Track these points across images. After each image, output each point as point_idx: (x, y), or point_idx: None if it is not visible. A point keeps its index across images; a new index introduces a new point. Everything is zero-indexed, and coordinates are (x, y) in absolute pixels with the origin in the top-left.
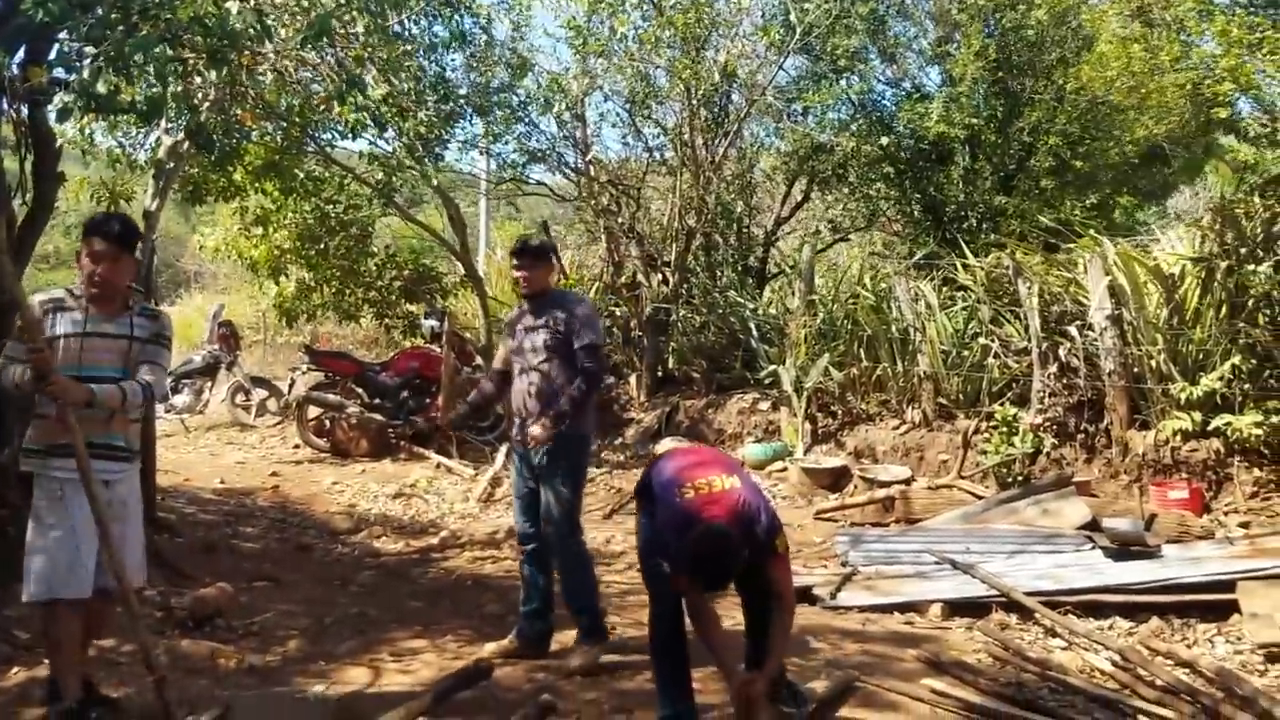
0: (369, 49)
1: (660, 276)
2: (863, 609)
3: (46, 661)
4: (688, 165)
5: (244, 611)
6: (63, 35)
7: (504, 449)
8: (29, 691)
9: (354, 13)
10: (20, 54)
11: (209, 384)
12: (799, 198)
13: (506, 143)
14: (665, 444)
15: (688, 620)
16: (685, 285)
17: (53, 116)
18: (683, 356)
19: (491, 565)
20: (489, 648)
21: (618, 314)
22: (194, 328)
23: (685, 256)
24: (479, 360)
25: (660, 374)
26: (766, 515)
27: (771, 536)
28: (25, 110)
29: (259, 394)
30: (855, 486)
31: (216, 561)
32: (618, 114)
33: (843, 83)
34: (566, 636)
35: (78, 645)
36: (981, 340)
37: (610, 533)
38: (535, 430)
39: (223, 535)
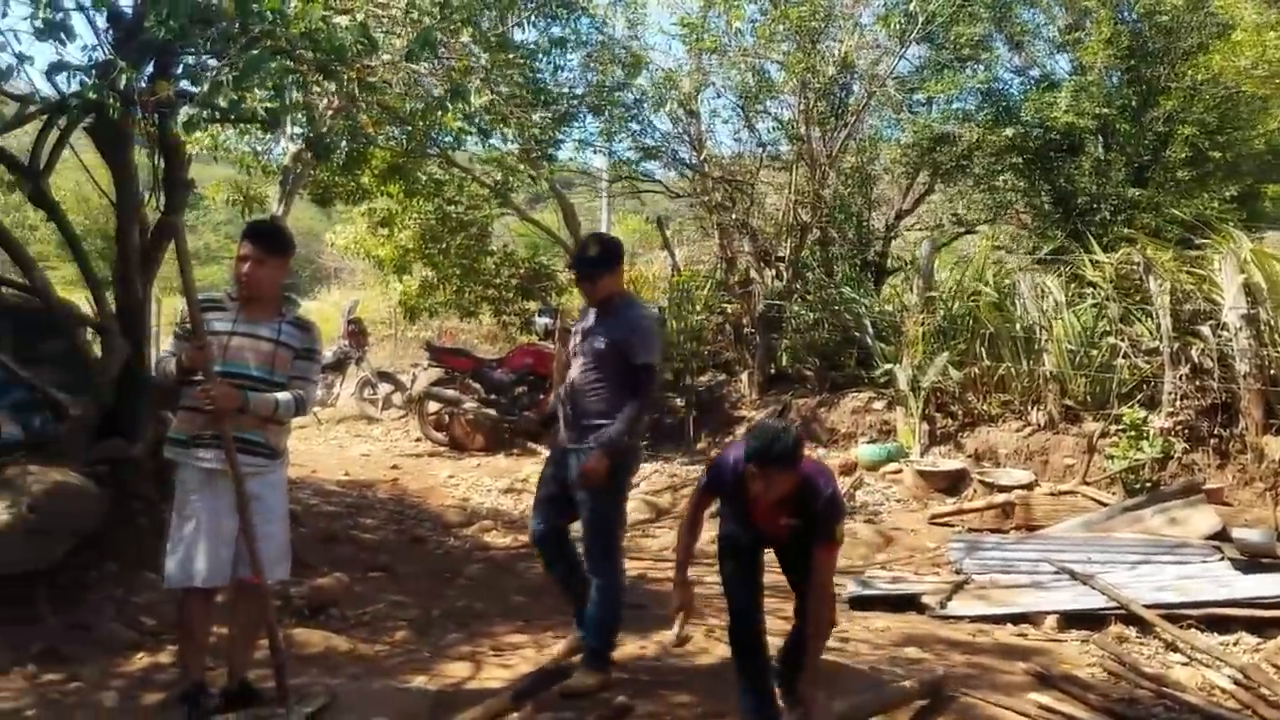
0: (473, 58)
1: (773, 272)
2: (973, 619)
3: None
4: (803, 159)
5: (358, 601)
6: (191, 50)
7: None
8: (151, 676)
9: (459, 23)
10: (149, 68)
11: (339, 378)
12: (921, 190)
13: (621, 140)
14: None
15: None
16: (799, 281)
17: (180, 128)
18: (795, 354)
19: None
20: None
21: (729, 311)
22: (331, 323)
23: (799, 252)
24: None
25: (772, 372)
26: (829, 493)
27: (831, 519)
28: (155, 121)
29: (385, 388)
30: (973, 491)
31: (336, 551)
32: (731, 109)
33: (967, 72)
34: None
35: (206, 632)
36: (1110, 339)
37: (714, 532)
38: (592, 465)
39: (343, 526)
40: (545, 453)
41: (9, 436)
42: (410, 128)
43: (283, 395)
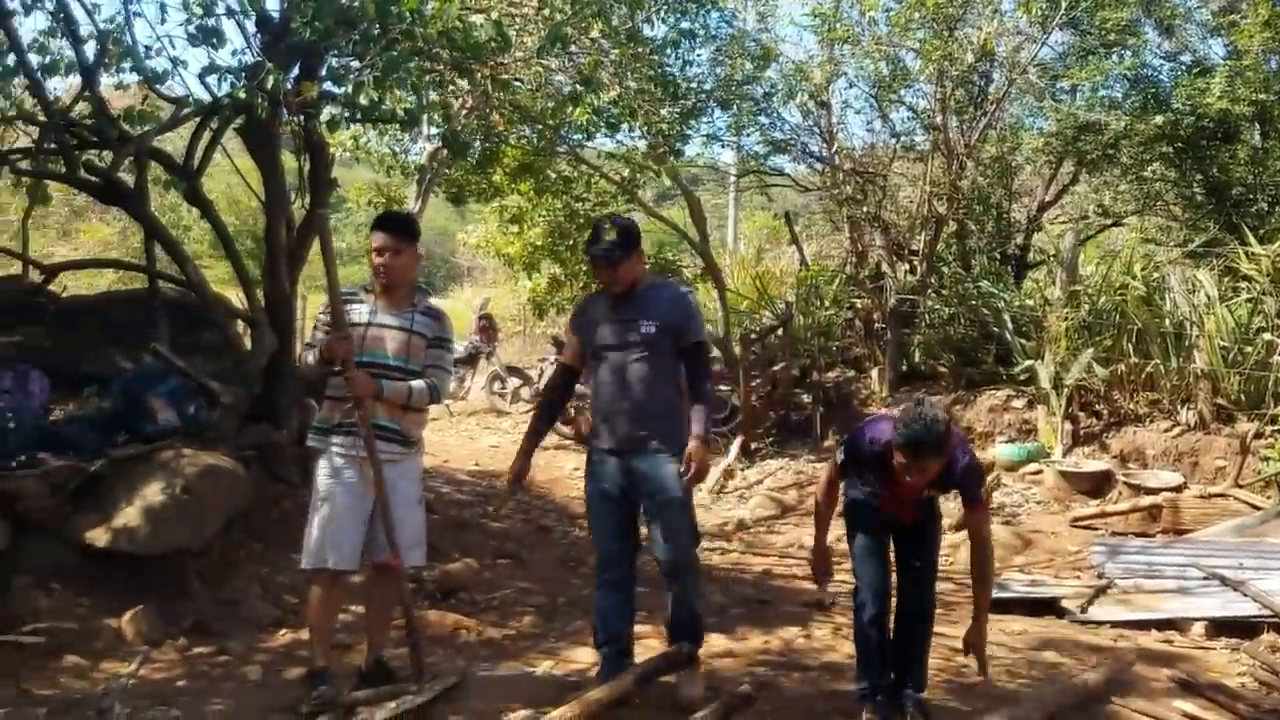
0: (602, 53)
1: (906, 266)
2: (1115, 624)
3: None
4: (939, 150)
5: (486, 586)
6: (334, 52)
7: (737, 441)
8: (293, 652)
9: (589, 19)
10: (295, 70)
11: (470, 372)
12: (1064, 181)
13: (749, 134)
14: None
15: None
16: (933, 275)
17: (323, 127)
18: (929, 350)
19: (719, 556)
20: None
21: (859, 306)
22: (463, 319)
23: (934, 245)
24: (715, 352)
25: (904, 368)
26: (967, 461)
27: (974, 485)
28: (300, 121)
29: (514, 382)
30: (1118, 493)
31: (465, 538)
32: (864, 100)
33: (1113, 58)
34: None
35: (332, 615)
36: (1266, 336)
37: (843, 530)
38: (699, 460)
39: (473, 514)
40: None
41: (166, 422)
42: (540, 125)
43: (416, 383)
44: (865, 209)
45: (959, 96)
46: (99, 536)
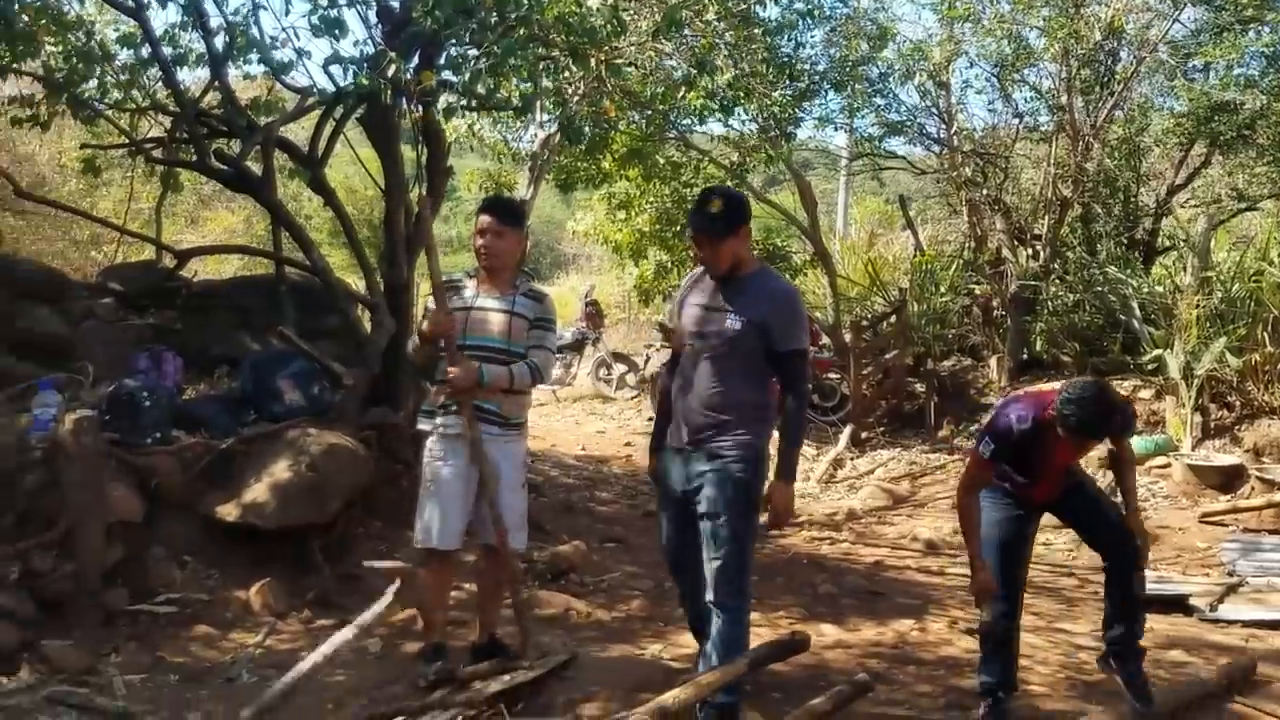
0: (716, 35)
1: (1029, 251)
2: (1247, 624)
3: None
4: (1064, 130)
5: (595, 569)
6: (452, 41)
7: (847, 430)
8: (410, 627)
9: (704, 1)
10: (415, 59)
11: (577, 358)
12: (1196, 163)
13: (864, 116)
14: None
15: None
16: (1057, 260)
17: (440, 115)
18: (1051, 338)
19: (828, 546)
20: None
21: (978, 292)
22: (568, 306)
23: (1058, 229)
24: (825, 340)
25: (1024, 357)
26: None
27: (1128, 433)
28: (419, 110)
29: (619, 369)
30: (1251, 488)
31: (573, 521)
32: (985, 79)
33: (1250, 34)
34: None
35: (443, 592)
36: None
37: (956, 524)
38: (782, 504)
39: (580, 498)
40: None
41: (292, 403)
42: (650, 111)
43: (517, 366)
44: (985, 192)
45: (1085, 75)
46: (229, 511)
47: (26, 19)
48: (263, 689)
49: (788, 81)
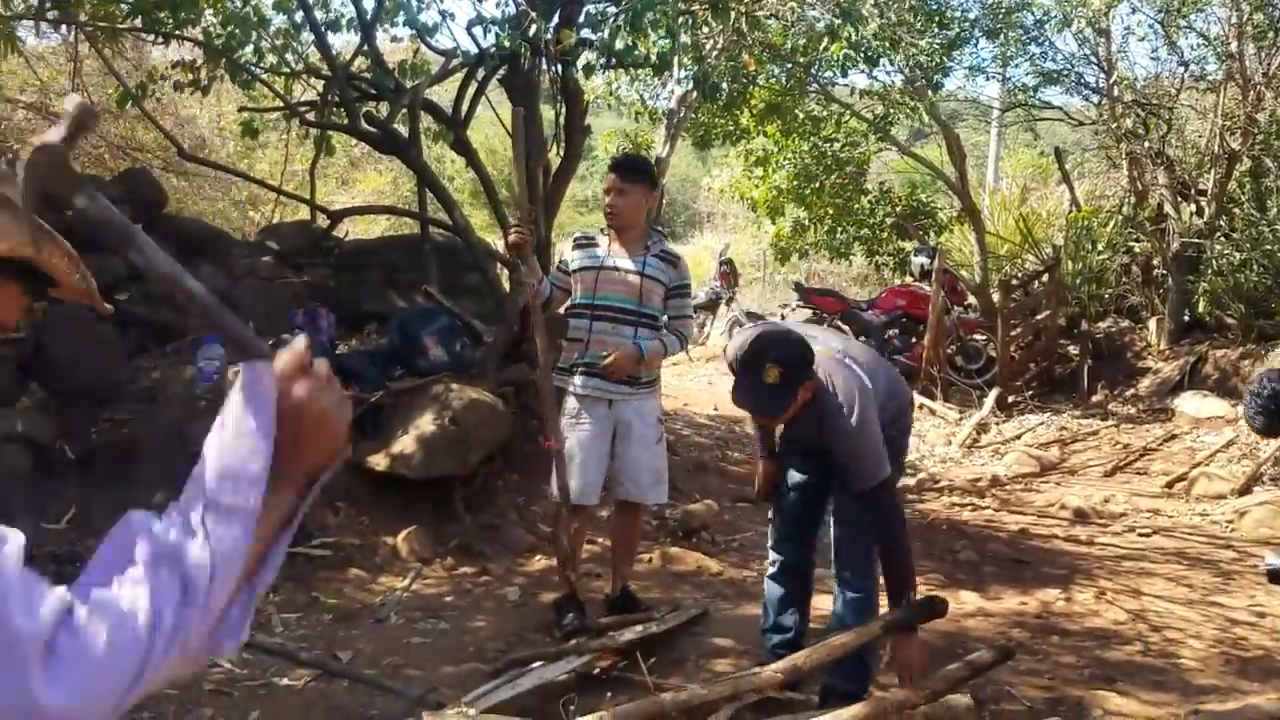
0: None
1: (1193, 208)
2: None
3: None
4: (1234, 79)
5: (726, 528)
6: None
7: (993, 394)
8: (547, 578)
9: None
10: (555, 18)
11: (710, 318)
12: None
13: (1018, 65)
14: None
15: None
16: (1224, 217)
17: (579, 73)
18: (1215, 299)
19: (970, 513)
20: None
21: (1137, 250)
22: (702, 265)
23: (1226, 184)
24: (971, 299)
25: (1186, 319)
26: None
27: None
28: (558, 69)
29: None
30: None
31: (705, 480)
32: (1148, 26)
33: None
34: None
35: (578, 544)
36: None
37: (1111, 491)
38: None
39: (712, 457)
40: (917, 399)
41: (436, 359)
42: (791, 64)
43: (669, 339)
44: (1147, 144)
45: (1258, 20)
46: (379, 461)
47: None
48: (409, 630)
49: (936, 30)
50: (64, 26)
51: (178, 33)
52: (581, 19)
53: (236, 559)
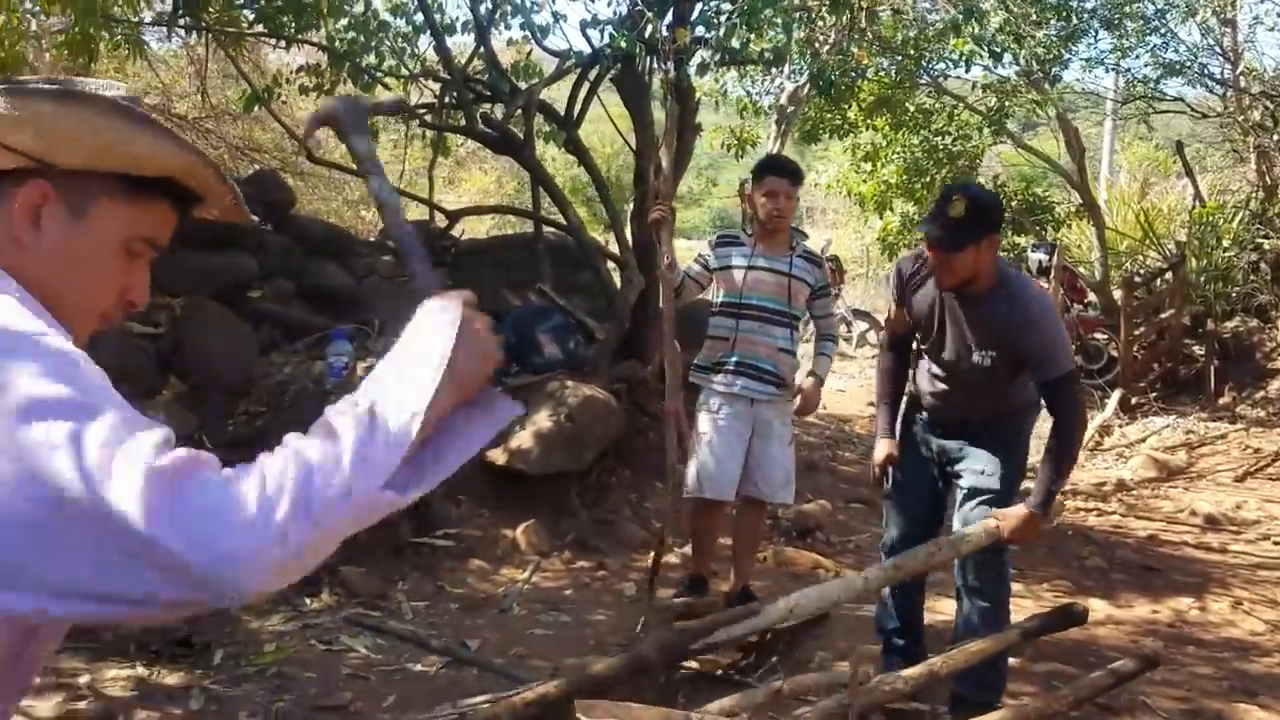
0: None
1: None
2: None
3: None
4: None
5: (841, 528)
6: None
7: (1115, 395)
8: (663, 574)
9: None
10: (668, 17)
11: None
12: None
13: (1138, 56)
14: None
15: None
16: None
17: (693, 72)
18: None
19: (1096, 518)
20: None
21: (1266, 247)
22: None
23: None
24: (1091, 297)
25: None
26: None
27: None
28: (671, 68)
29: (859, 326)
30: None
31: (817, 479)
32: (1278, 15)
33: None
34: None
35: (712, 539)
36: None
37: (1242, 498)
38: (1020, 512)
39: (823, 456)
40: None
41: (551, 356)
42: (901, 57)
43: (827, 346)
44: (1276, 137)
45: None
46: (498, 456)
47: None
48: (531, 621)
49: (1063, 20)
50: (192, 31)
51: (300, 37)
52: (695, 16)
53: (406, 418)
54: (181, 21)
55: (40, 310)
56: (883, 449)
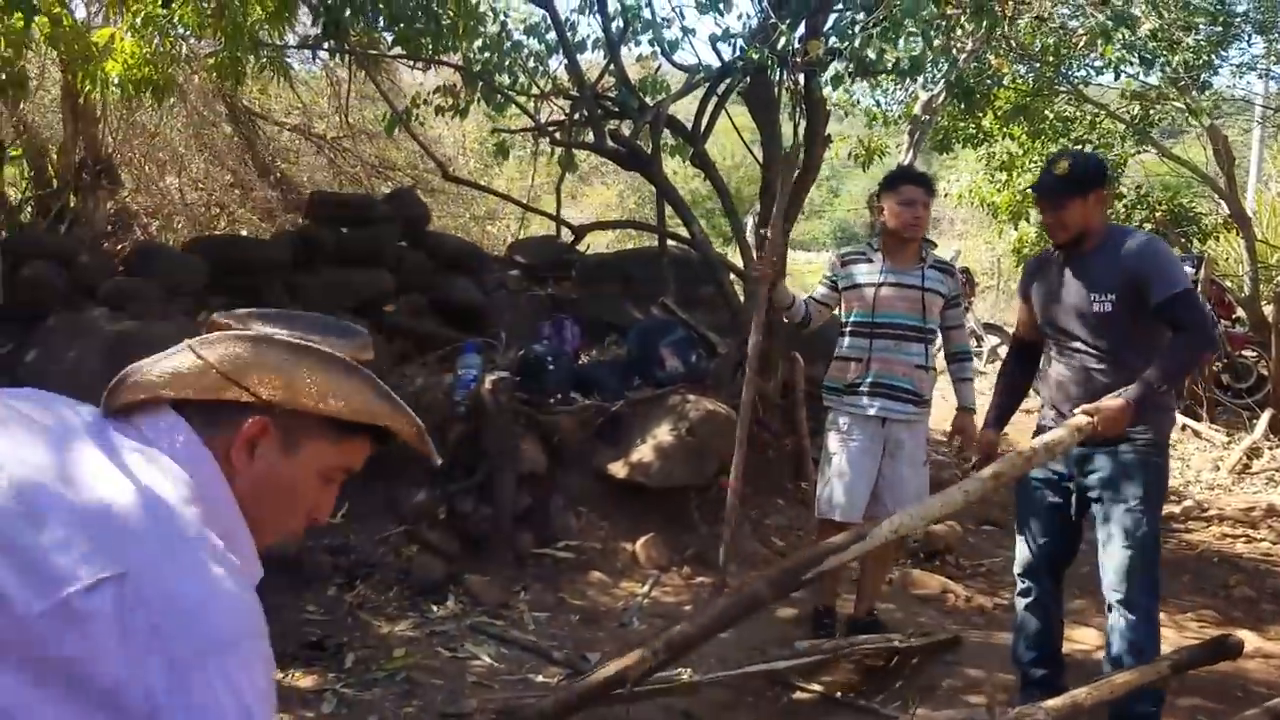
0: None
1: None
2: None
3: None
4: None
5: (972, 552)
6: (838, 6)
7: (1266, 415)
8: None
9: None
10: (800, 29)
11: None
12: None
13: None
14: None
15: None
16: None
17: (826, 84)
18: None
19: (1244, 545)
20: None
21: None
22: None
23: None
24: (1240, 313)
25: None
26: None
27: None
28: (801, 80)
29: (990, 340)
30: None
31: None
32: None
33: None
34: None
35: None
36: None
37: None
38: (1114, 403)
39: (951, 475)
40: (1180, 419)
41: (673, 369)
42: (1039, 64)
43: (967, 369)
44: None
45: None
46: (618, 469)
47: (450, 14)
48: (650, 636)
49: (1203, 26)
50: (334, 53)
51: (437, 58)
52: (828, 27)
53: None
54: (326, 45)
55: (237, 528)
56: (980, 439)
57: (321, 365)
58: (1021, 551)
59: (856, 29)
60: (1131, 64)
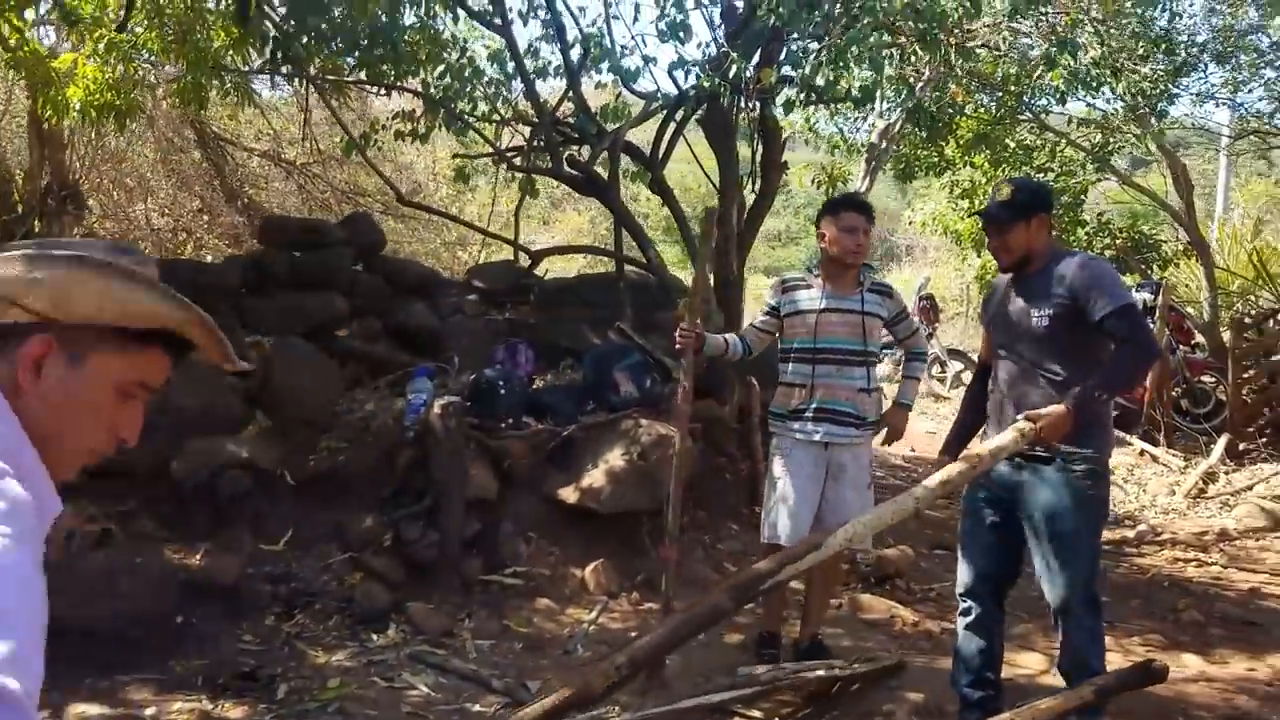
0: (1081, 10)
1: None
2: None
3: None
4: None
5: (923, 576)
6: (793, 36)
7: (1222, 440)
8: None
9: None
10: (755, 58)
11: None
12: None
13: (1251, 90)
14: None
15: None
16: None
17: (779, 111)
18: None
19: (1195, 569)
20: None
21: None
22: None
23: None
24: (1199, 338)
25: None
26: None
27: None
28: (757, 107)
29: (954, 366)
30: None
31: (899, 525)
32: None
33: None
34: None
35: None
36: None
37: None
38: (1055, 409)
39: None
40: (1137, 444)
41: (627, 394)
42: (1001, 93)
43: (914, 367)
44: None
45: None
46: (569, 494)
47: (408, 41)
48: (591, 661)
49: (1168, 55)
50: (296, 79)
51: (399, 84)
52: (782, 56)
53: None
54: (283, 70)
55: (20, 447)
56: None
57: (97, 273)
58: (963, 571)
59: (809, 57)
60: (1076, 89)
